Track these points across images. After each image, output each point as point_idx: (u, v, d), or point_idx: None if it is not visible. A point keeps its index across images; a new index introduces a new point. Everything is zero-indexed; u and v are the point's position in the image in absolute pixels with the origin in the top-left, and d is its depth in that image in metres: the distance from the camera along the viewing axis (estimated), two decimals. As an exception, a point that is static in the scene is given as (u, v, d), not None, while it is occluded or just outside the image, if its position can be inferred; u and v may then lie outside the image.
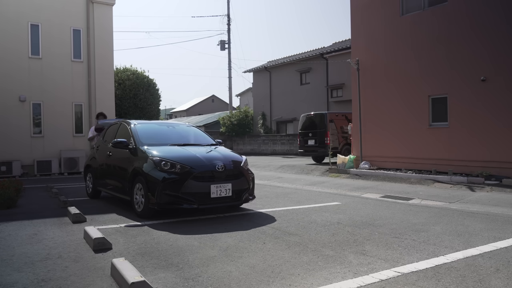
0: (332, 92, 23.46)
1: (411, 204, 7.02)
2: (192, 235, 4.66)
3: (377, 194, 8.34)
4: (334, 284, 3.09)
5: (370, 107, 12.06)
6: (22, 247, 4.24)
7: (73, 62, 14.60)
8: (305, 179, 11.18)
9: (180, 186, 5.44)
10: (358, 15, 12.63)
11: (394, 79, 11.43)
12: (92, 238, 4.18)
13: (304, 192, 8.67)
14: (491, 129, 9.32)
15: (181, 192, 5.45)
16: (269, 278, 3.23)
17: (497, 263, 3.59)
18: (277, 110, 28.25)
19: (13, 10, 13.53)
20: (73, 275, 3.34)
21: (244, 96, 42.92)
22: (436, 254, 3.86)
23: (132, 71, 23.10)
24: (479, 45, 9.56)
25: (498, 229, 4.97)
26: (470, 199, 7.40)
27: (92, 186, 7.81)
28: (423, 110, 10.72)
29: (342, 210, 6.33)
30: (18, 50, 13.61)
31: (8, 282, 3.21)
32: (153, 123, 7.45)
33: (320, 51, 25.21)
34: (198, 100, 59.07)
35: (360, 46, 12.49)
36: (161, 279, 3.24)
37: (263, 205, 6.87)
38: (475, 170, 9.37)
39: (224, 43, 30.00)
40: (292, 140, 23.53)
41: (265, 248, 4.10)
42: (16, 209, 6.73)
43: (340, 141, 15.61)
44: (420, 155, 10.71)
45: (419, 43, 10.83)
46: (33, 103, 13.86)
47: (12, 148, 13.27)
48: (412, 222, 5.41)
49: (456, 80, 9.99)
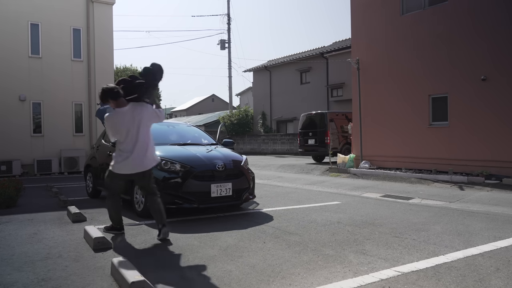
0: (332, 91, 23.45)
1: (411, 204, 7.01)
2: (192, 235, 4.66)
3: (377, 193, 8.34)
4: (334, 284, 3.09)
5: (370, 107, 12.06)
6: (22, 247, 4.24)
7: (73, 61, 14.59)
8: (305, 179, 11.18)
9: (180, 185, 5.45)
10: (358, 14, 12.62)
11: (395, 79, 11.42)
12: (92, 238, 4.18)
13: (304, 192, 8.67)
14: (492, 128, 9.32)
15: (181, 191, 5.45)
16: (269, 278, 3.23)
17: (497, 263, 3.58)
18: (277, 109, 28.24)
19: (13, 9, 13.52)
20: (73, 275, 3.34)
21: (244, 96, 42.91)
22: (436, 254, 3.86)
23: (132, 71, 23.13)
24: (480, 44, 9.55)
25: (498, 228, 4.97)
26: (470, 199, 7.40)
27: (92, 186, 7.81)
28: (424, 110, 10.72)
29: (342, 210, 6.33)
30: (18, 49, 13.61)
31: (8, 281, 3.21)
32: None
33: (320, 51, 25.21)
34: (198, 100, 59.06)
35: (360, 45, 12.48)
36: (161, 278, 3.24)
37: (263, 204, 6.87)
38: (475, 169, 9.37)
39: (224, 43, 29.98)
40: (292, 139, 23.53)
41: (265, 248, 4.10)
42: (16, 208, 6.73)
43: (340, 141, 15.62)
44: (420, 154, 10.71)
45: (419, 42, 10.82)
46: (33, 103, 13.86)
47: (12, 147, 13.27)
48: (412, 221, 5.40)
49: (457, 79, 9.99)
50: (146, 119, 4.51)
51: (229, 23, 29.94)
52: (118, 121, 4.44)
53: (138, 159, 4.41)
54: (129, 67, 23.52)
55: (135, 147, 4.40)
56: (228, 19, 29.93)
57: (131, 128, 4.40)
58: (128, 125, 4.41)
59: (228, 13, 30.02)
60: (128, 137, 4.40)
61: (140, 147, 4.43)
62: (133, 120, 4.43)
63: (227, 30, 29.96)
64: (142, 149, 4.44)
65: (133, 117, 4.43)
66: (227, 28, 29.96)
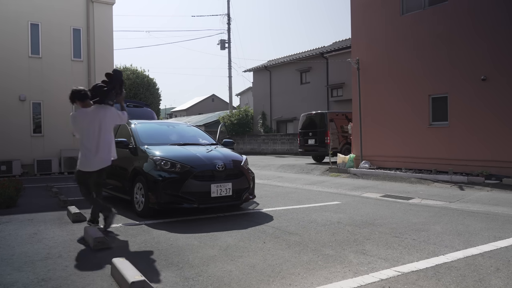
0: (332, 91, 23.45)
1: (411, 204, 7.01)
2: (192, 235, 4.66)
3: (377, 193, 8.33)
4: (334, 284, 3.09)
5: (370, 107, 12.06)
6: (22, 247, 4.24)
7: (73, 61, 14.58)
8: (305, 179, 11.18)
9: (180, 185, 5.45)
10: (358, 14, 12.62)
11: (395, 79, 11.42)
12: (92, 238, 4.18)
13: (304, 192, 8.67)
14: (491, 128, 9.32)
15: (181, 191, 5.45)
16: (269, 278, 3.23)
17: (497, 263, 3.58)
18: (277, 109, 28.24)
19: (13, 9, 13.52)
20: (73, 275, 3.34)
21: (244, 96, 42.90)
22: (436, 254, 3.86)
23: (132, 71, 23.09)
24: (480, 44, 9.55)
25: (498, 228, 4.97)
26: (470, 199, 7.40)
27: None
28: (424, 110, 10.72)
29: (342, 210, 6.32)
30: (18, 49, 13.60)
31: (8, 281, 3.21)
32: (153, 123, 7.46)
33: (320, 51, 25.20)
34: (198, 100, 59.05)
35: (360, 45, 12.48)
36: (161, 278, 3.24)
37: (263, 204, 6.87)
38: (475, 169, 9.37)
39: (224, 43, 29.99)
40: (292, 139, 23.53)
41: (265, 248, 4.10)
42: (16, 208, 6.73)
43: (340, 141, 15.62)
44: (420, 154, 10.71)
45: (419, 42, 10.82)
46: (33, 103, 13.85)
47: (12, 147, 13.26)
48: (412, 221, 5.40)
49: (457, 79, 9.99)
50: (107, 120, 4.94)
51: (229, 23, 29.97)
52: (80, 120, 4.90)
53: (101, 157, 4.83)
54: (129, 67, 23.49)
55: (99, 146, 4.81)
56: (228, 19, 29.95)
57: (91, 127, 4.82)
58: (89, 124, 4.84)
59: (228, 13, 30.05)
60: (90, 136, 4.81)
61: (103, 146, 4.85)
62: (95, 120, 4.85)
63: (227, 30, 29.99)
64: (105, 147, 4.87)
65: (94, 117, 4.86)
66: (227, 28, 29.98)
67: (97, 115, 4.86)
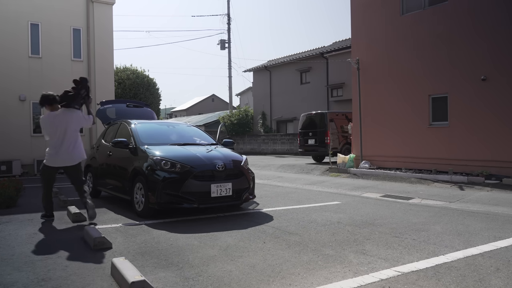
0: (332, 91, 23.45)
1: (411, 204, 7.01)
2: (192, 235, 4.66)
3: (377, 193, 8.33)
4: (334, 284, 3.09)
5: (370, 107, 12.06)
6: (22, 247, 4.24)
7: (73, 61, 14.58)
8: (305, 179, 11.18)
9: (180, 185, 5.45)
10: (358, 14, 12.62)
11: (395, 79, 11.42)
12: (92, 238, 4.18)
13: (304, 192, 8.67)
14: (491, 128, 9.32)
15: (181, 191, 5.45)
16: (269, 278, 3.23)
17: (497, 263, 3.58)
18: (277, 109, 28.24)
19: (13, 9, 13.51)
20: (73, 275, 3.34)
21: (244, 96, 42.90)
22: (436, 254, 3.86)
23: (132, 71, 23.10)
24: (480, 44, 9.55)
25: (498, 228, 4.97)
26: (470, 199, 7.40)
27: (92, 186, 7.81)
28: (424, 110, 10.72)
29: (342, 210, 6.32)
30: (18, 49, 13.59)
31: (8, 281, 3.21)
32: (153, 123, 7.45)
33: (320, 51, 25.21)
34: (198, 100, 59.06)
35: (360, 45, 12.48)
36: (161, 278, 3.24)
37: (263, 204, 6.87)
38: (475, 169, 9.37)
39: (224, 43, 29.99)
40: (292, 139, 23.53)
41: (265, 248, 4.10)
42: (16, 208, 6.74)
43: (340, 141, 15.62)
44: (420, 154, 10.71)
45: (419, 42, 10.82)
46: (33, 103, 13.84)
47: (12, 147, 13.26)
48: (412, 221, 5.40)
49: (457, 79, 9.99)
50: (73, 122, 5.48)
51: (229, 23, 29.97)
52: (48, 122, 5.43)
53: (65, 155, 5.37)
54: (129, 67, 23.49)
55: (62, 145, 5.35)
56: (228, 19, 29.95)
57: (58, 129, 5.36)
58: (57, 126, 5.38)
59: (228, 13, 30.05)
60: (56, 136, 5.36)
61: (67, 145, 5.38)
62: (61, 122, 5.39)
63: (227, 30, 29.99)
64: (69, 146, 5.39)
65: (61, 120, 5.41)
66: (227, 28, 29.98)
67: (64, 118, 5.41)
